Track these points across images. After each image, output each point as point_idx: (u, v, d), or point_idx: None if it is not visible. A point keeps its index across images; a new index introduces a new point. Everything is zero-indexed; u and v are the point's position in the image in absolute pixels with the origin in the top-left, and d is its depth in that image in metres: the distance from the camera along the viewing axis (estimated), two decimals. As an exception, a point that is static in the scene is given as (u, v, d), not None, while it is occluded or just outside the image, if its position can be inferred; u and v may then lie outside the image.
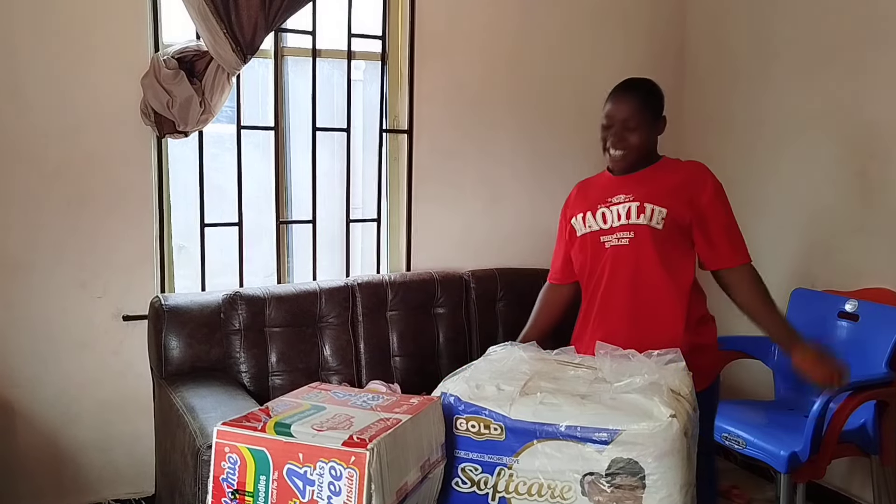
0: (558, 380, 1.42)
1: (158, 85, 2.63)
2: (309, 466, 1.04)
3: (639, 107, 2.08)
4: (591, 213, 2.10)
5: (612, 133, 2.07)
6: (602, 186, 2.15)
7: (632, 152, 2.07)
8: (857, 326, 2.72)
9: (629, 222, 2.03)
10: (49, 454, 2.76)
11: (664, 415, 1.25)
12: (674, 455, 1.25)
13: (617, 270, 2.05)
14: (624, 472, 1.26)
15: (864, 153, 2.87)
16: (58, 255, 2.69)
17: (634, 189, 2.06)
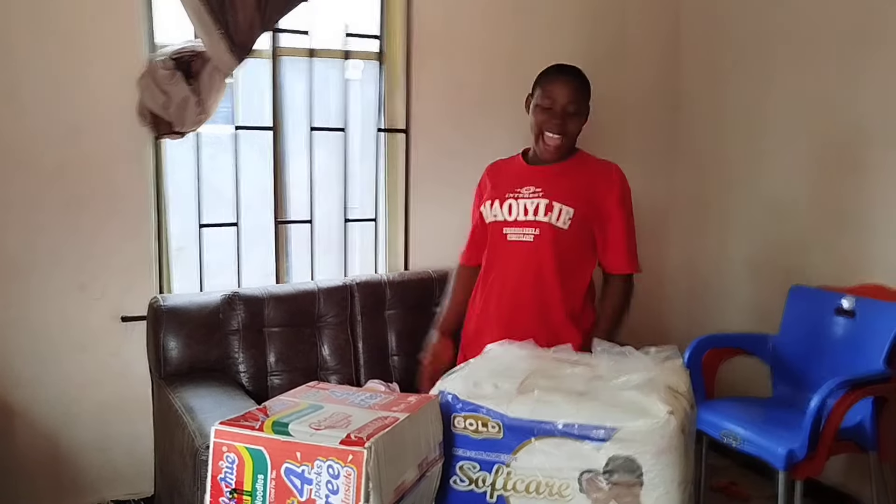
0: (556, 377, 1.42)
1: (155, 86, 2.63)
2: (307, 465, 1.04)
3: (581, 92, 2.06)
4: (500, 201, 2.08)
5: (552, 116, 2.03)
6: (513, 173, 2.12)
7: (568, 140, 2.06)
8: (854, 323, 2.72)
9: (535, 219, 2.02)
10: (48, 455, 2.76)
11: (662, 412, 1.25)
12: (671, 452, 1.25)
13: (519, 266, 2.06)
14: (622, 469, 1.26)
15: (860, 148, 2.88)
16: (56, 257, 2.69)
17: (545, 182, 2.05)
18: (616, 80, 3.54)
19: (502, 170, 2.19)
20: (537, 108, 2.05)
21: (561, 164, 2.08)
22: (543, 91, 2.06)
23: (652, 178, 3.69)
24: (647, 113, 3.66)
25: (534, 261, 2.03)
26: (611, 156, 3.58)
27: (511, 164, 2.17)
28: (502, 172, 2.17)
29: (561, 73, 2.08)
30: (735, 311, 3.43)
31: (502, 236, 2.07)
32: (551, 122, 2.02)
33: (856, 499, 2.92)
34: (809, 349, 2.82)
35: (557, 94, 2.03)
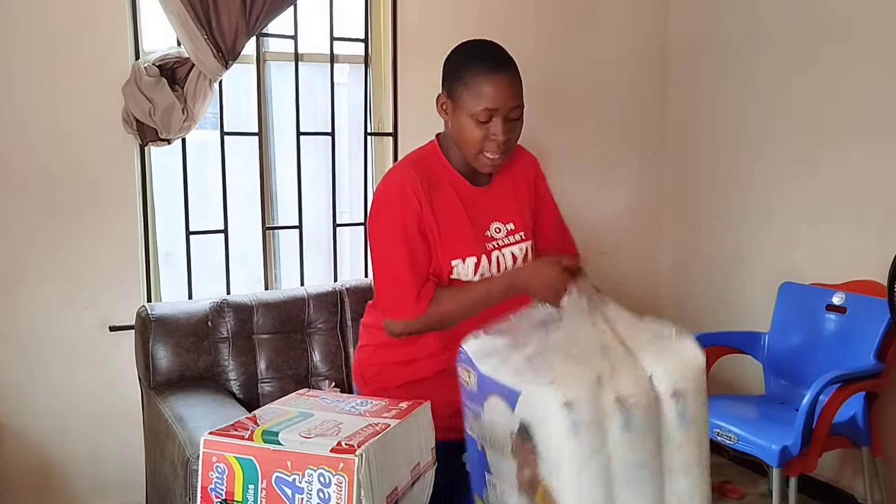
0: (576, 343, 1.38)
1: (140, 93, 2.62)
2: (297, 474, 1.03)
3: (521, 86, 1.58)
4: (486, 257, 1.64)
5: (496, 132, 1.55)
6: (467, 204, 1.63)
7: (510, 153, 1.61)
8: (845, 319, 2.73)
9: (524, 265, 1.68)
10: (38, 467, 2.73)
11: (546, 380, 1.23)
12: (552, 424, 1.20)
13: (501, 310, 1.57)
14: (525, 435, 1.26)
15: (847, 145, 2.89)
16: (42, 267, 2.67)
17: (510, 211, 1.69)
18: (603, 81, 3.55)
19: (442, 192, 1.63)
20: (470, 119, 1.55)
21: (500, 176, 1.71)
22: (477, 95, 1.54)
23: (640, 179, 3.70)
24: (634, 114, 3.66)
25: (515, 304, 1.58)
26: (599, 158, 3.62)
27: (446, 181, 1.64)
28: (444, 197, 1.63)
29: (495, 69, 1.56)
30: (727, 310, 3.43)
31: None
32: (494, 142, 1.56)
33: (849, 494, 2.92)
34: (801, 346, 2.83)
35: (500, 101, 1.53)
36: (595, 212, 3.58)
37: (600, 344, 1.33)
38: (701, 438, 1.32)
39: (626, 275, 3.68)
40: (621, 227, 3.66)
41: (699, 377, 1.30)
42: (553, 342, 1.34)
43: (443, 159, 1.66)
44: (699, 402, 1.30)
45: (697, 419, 1.30)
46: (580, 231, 3.54)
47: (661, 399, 1.28)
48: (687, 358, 1.31)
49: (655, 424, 1.27)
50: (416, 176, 1.60)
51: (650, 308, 3.91)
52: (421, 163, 1.67)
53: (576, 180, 3.52)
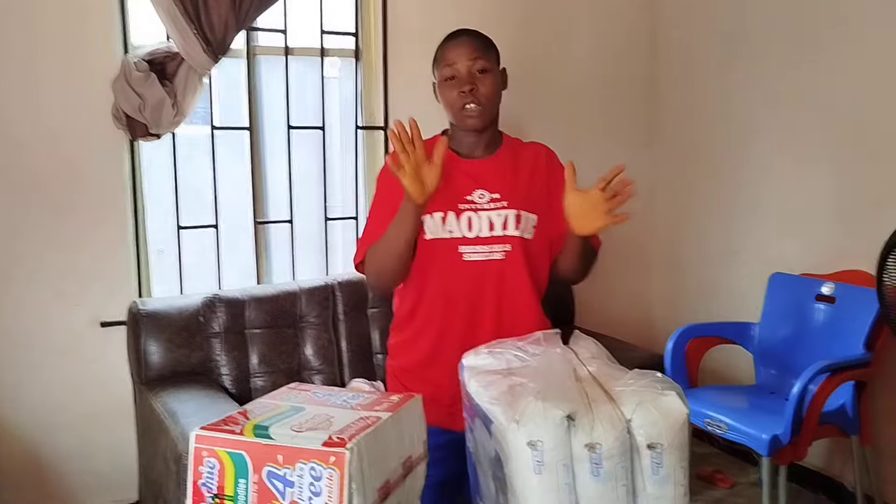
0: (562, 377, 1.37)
1: (129, 88, 2.61)
2: (288, 468, 1.03)
3: (484, 47, 1.76)
4: (455, 214, 1.72)
5: (461, 84, 1.71)
6: (452, 173, 1.71)
7: (491, 106, 1.75)
8: (834, 309, 2.75)
9: (505, 233, 1.73)
10: (31, 464, 2.73)
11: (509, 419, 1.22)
12: (518, 461, 1.19)
13: (481, 289, 1.74)
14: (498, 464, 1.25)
15: (836, 136, 2.90)
16: (34, 264, 2.66)
17: (499, 184, 1.75)
18: (593, 74, 3.55)
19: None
20: (444, 84, 1.75)
21: (497, 155, 1.81)
22: (442, 62, 1.75)
23: (631, 170, 3.68)
24: (624, 105, 3.67)
25: (510, 280, 1.74)
26: (589, 149, 3.60)
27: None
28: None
29: (453, 37, 1.78)
30: (717, 300, 3.45)
31: (455, 255, 1.72)
32: (462, 95, 1.71)
33: (839, 482, 2.95)
34: (791, 336, 2.85)
35: (456, 56, 1.73)
36: (586, 204, 3.59)
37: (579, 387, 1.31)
38: (676, 494, 1.27)
39: (617, 265, 3.69)
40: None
41: (679, 432, 1.24)
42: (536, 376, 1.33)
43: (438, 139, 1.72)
44: (677, 457, 1.24)
45: (674, 475, 1.25)
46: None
47: (637, 447, 1.23)
48: (667, 410, 1.25)
49: (629, 473, 1.24)
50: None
51: (641, 298, 3.93)
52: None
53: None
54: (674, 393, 1.27)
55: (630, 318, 3.67)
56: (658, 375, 1.33)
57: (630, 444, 1.24)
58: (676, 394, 1.27)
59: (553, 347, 1.44)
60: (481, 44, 1.76)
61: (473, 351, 1.44)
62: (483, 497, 1.38)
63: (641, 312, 3.77)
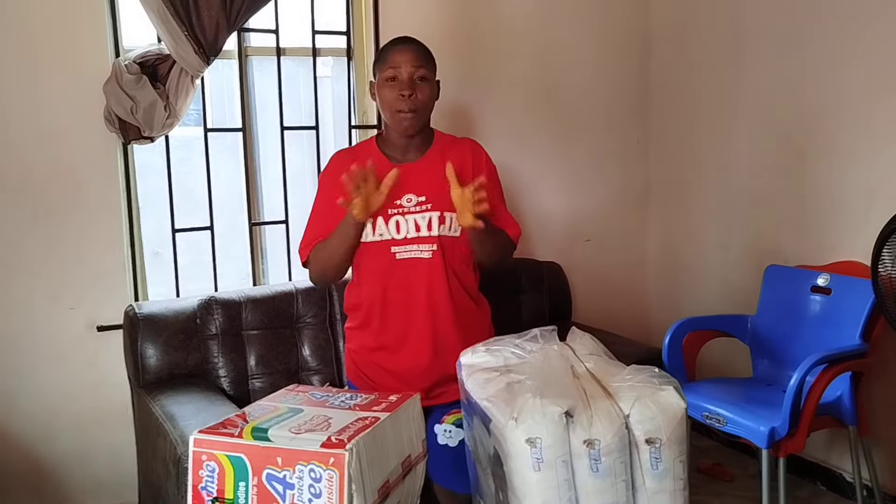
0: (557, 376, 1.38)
1: (121, 91, 2.60)
2: (288, 470, 1.03)
3: (426, 57, 1.93)
4: (384, 219, 1.91)
5: (401, 88, 1.86)
6: (383, 178, 1.85)
7: (422, 112, 1.91)
8: (830, 300, 2.75)
9: (430, 234, 1.92)
10: (29, 470, 2.72)
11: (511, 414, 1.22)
12: (517, 458, 1.21)
13: (422, 282, 1.93)
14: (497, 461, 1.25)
15: (829, 128, 2.90)
16: (28, 268, 2.65)
17: (426, 187, 1.90)
18: (586, 69, 3.55)
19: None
20: (384, 85, 1.89)
21: (427, 157, 1.96)
22: (386, 64, 1.89)
23: (625, 167, 3.71)
24: (617, 102, 3.66)
25: (437, 275, 1.93)
26: (583, 146, 3.63)
27: (366, 161, 1.87)
28: None
29: (399, 43, 1.94)
30: (713, 294, 3.45)
31: (389, 255, 1.93)
32: (401, 99, 1.86)
33: (838, 473, 2.96)
34: (787, 328, 2.85)
35: (402, 61, 1.87)
36: (580, 200, 3.60)
37: (576, 384, 1.31)
38: (675, 488, 1.28)
39: (612, 261, 3.70)
40: (606, 215, 3.67)
41: (678, 427, 1.26)
42: (533, 374, 1.32)
43: (373, 145, 2.02)
44: (675, 452, 1.25)
45: (673, 469, 1.26)
46: (566, 219, 3.59)
47: (636, 442, 1.25)
48: (665, 405, 1.26)
49: (628, 468, 1.25)
50: (336, 160, 2.04)
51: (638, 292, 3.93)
52: (353, 149, 2.13)
53: (561, 169, 3.53)
54: (671, 387, 1.28)
55: (626, 312, 3.67)
56: (655, 370, 1.34)
57: (629, 440, 1.24)
58: (674, 388, 1.28)
59: (550, 344, 1.44)
60: (424, 54, 1.93)
61: (471, 349, 1.45)
62: (483, 495, 1.38)
63: (638, 307, 3.78)
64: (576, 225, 3.58)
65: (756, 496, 2.72)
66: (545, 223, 3.45)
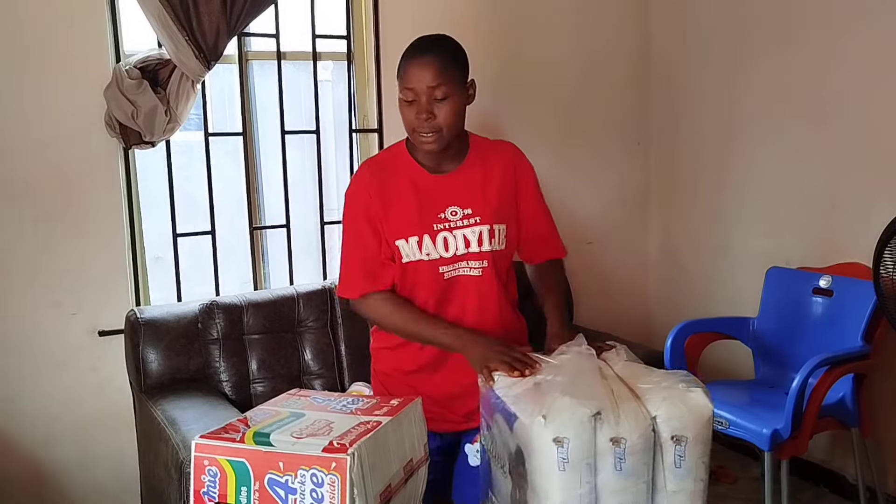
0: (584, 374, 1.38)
1: (122, 96, 2.60)
2: (290, 475, 1.03)
3: (446, 68, 1.65)
4: (430, 237, 1.71)
5: (418, 111, 1.64)
6: (417, 188, 1.73)
7: (448, 133, 1.68)
8: (832, 302, 2.75)
9: (481, 249, 1.73)
10: (30, 475, 2.72)
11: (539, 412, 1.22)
12: (542, 457, 1.20)
13: (461, 303, 1.75)
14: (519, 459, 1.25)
15: (830, 130, 2.90)
16: (29, 274, 2.65)
17: (471, 198, 1.74)
18: (586, 71, 3.55)
19: (396, 180, 1.75)
20: (401, 104, 1.68)
21: (466, 165, 1.76)
22: (402, 79, 1.67)
23: (626, 169, 3.71)
24: (618, 104, 3.66)
25: (488, 292, 1.76)
26: (584, 148, 3.63)
27: (404, 172, 1.75)
28: (398, 184, 1.75)
29: (416, 54, 1.67)
30: (715, 296, 3.45)
31: (436, 275, 1.73)
32: (419, 121, 1.65)
33: (841, 475, 2.95)
34: (789, 330, 2.85)
35: (416, 80, 1.63)
36: (581, 202, 3.60)
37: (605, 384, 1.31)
38: (695, 489, 1.28)
39: (614, 264, 3.70)
40: (608, 217, 3.67)
41: (704, 427, 1.26)
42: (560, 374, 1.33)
43: (404, 152, 1.77)
44: (699, 452, 1.25)
45: (695, 469, 1.26)
46: (567, 221, 3.56)
47: (660, 443, 1.25)
48: (693, 405, 1.26)
49: (650, 469, 1.25)
50: (367, 173, 1.78)
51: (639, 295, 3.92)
52: (381, 159, 1.85)
53: (562, 171, 3.53)
54: (700, 390, 1.29)
55: (628, 315, 3.67)
56: (685, 374, 1.35)
57: (654, 441, 1.25)
58: (702, 391, 1.29)
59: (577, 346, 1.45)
60: (444, 65, 1.65)
61: None
62: (497, 493, 1.37)
63: (639, 309, 3.77)
64: (577, 227, 3.58)
65: (759, 498, 2.72)
66: (546, 226, 3.45)
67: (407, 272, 1.73)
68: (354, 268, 1.76)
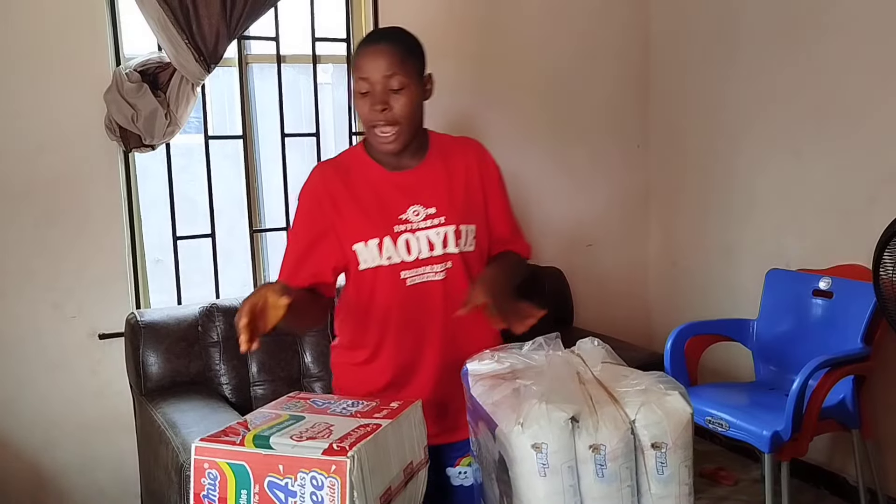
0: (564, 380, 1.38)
1: (122, 99, 2.60)
2: (290, 478, 1.03)
3: (402, 58, 1.55)
4: (391, 239, 1.58)
5: (373, 102, 1.54)
6: (376, 188, 1.61)
7: (405, 125, 1.56)
8: (831, 303, 2.75)
9: (445, 251, 1.60)
10: (30, 478, 2.72)
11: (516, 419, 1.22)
12: (522, 463, 1.19)
13: (426, 311, 1.62)
14: (503, 467, 1.25)
15: (830, 132, 2.90)
16: (29, 277, 2.65)
17: (434, 196, 1.62)
18: (586, 74, 3.55)
19: (353, 181, 1.63)
20: (357, 98, 1.58)
21: (427, 161, 1.65)
22: (357, 71, 1.56)
23: (625, 171, 3.71)
24: (617, 107, 3.67)
25: (452, 298, 1.60)
26: (583, 151, 3.63)
27: (360, 172, 1.63)
28: (354, 185, 1.62)
29: (370, 43, 1.58)
30: (715, 298, 3.45)
31: (398, 282, 1.59)
32: (375, 113, 1.54)
33: (841, 476, 2.95)
34: (789, 332, 2.85)
35: (371, 69, 1.53)
36: (581, 204, 3.60)
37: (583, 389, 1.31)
38: (681, 493, 1.27)
39: (614, 266, 3.70)
40: (607, 219, 3.67)
41: (683, 432, 1.25)
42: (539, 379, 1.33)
43: (361, 152, 1.67)
44: (681, 457, 1.24)
45: (679, 474, 1.26)
46: (567, 223, 3.59)
47: (641, 448, 1.24)
48: (671, 410, 1.25)
49: (633, 473, 1.24)
50: (320, 174, 1.66)
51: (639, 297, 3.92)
52: (337, 160, 1.72)
53: (561, 173, 3.53)
54: (677, 393, 1.28)
55: (628, 317, 3.67)
56: (661, 375, 1.33)
57: (634, 445, 1.24)
58: (680, 394, 1.28)
59: (555, 350, 1.44)
60: (400, 54, 1.56)
61: (477, 356, 1.45)
62: (488, 500, 1.38)
63: (639, 311, 3.77)
64: (577, 230, 3.58)
65: (759, 501, 2.72)
66: (546, 228, 3.45)
67: (363, 280, 1.61)
68: (282, 274, 1.66)
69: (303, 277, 1.62)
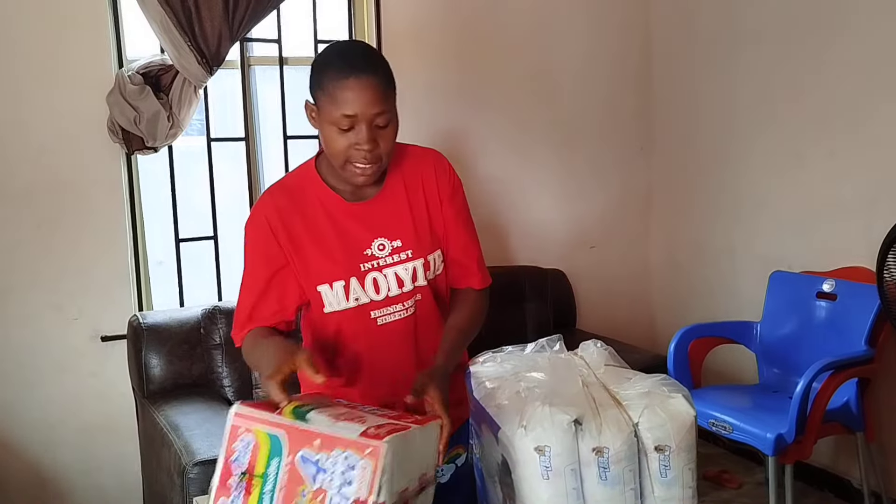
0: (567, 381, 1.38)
1: (124, 101, 2.60)
2: (323, 454, 1.03)
3: (388, 90, 1.39)
4: (358, 279, 1.46)
5: (359, 140, 1.37)
6: (341, 223, 1.47)
7: (385, 160, 1.42)
8: (835, 306, 2.76)
9: (416, 285, 1.50)
10: (32, 481, 2.70)
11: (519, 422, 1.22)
12: (525, 466, 1.19)
13: (399, 347, 1.51)
14: (506, 469, 1.25)
15: (833, 134, 2.92)
16: (31, 279, 2.64)
17: (398, 227, 1.49)
18: (589, 75, 3.57)
19: (309, 213, 1.47)
20: (330, 131, 1.38)
21: (387, 187, 1.50)
22: (335, 101, 1.35)
23: (628, 173, 3.72)
24: (620, 109, 3.68)
25: (423, 329, 1.53)
26: (586, 153, 3.64)
27: (316, 202, 1.48)
28: (312, 218, 1.47)
29: (352, 73, 1.35)
30: (718, 301, 3.45)
31: (368, 322, 1.48)
32: (360, 152, 1.37)
33: (845, 479, 2.95)
34: (793, 334, 2.85)
35: (359, 105, 1.34)
36: (584, 206, 3.60)
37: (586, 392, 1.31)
38: (684, 496, 1.27)
39: (617, 268, 3.70)
40: (610, 221, 3.68)
41: (687, 434, 1.25)
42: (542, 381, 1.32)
43: (315, 177, 1.50)
44: (684, 459, 1.24)
45: (682, 477, 1.26)
46: (570, 226, 3.59)
47: (644, 451, 1.24)
48: (675, 413, 1.25)
49: (636, 476, 1.24)
50: (271, 203, 1.49)
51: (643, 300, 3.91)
52: (288, 184, 1.54)
53: (564, 176, 3.54)
54: (680, 395, 1.28)
55: (631, 319, 3.67)
56: (664, 378, 1.34)
57: (638, 448, 1.24)
58: (683, 396, 1.28)
59: (558, 353, 1.44)
60: (384, 86, 1.38)
61: (480, 357, 1.44)
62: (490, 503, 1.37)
63: (642, 314, 3.77)
64: (580, 232, 3.59)
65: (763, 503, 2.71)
66: (549, 230, 3.46)
67: (328, 322, 1.49)
68: (242, 314, 1.51)
69: (264, 317, 1.48)
